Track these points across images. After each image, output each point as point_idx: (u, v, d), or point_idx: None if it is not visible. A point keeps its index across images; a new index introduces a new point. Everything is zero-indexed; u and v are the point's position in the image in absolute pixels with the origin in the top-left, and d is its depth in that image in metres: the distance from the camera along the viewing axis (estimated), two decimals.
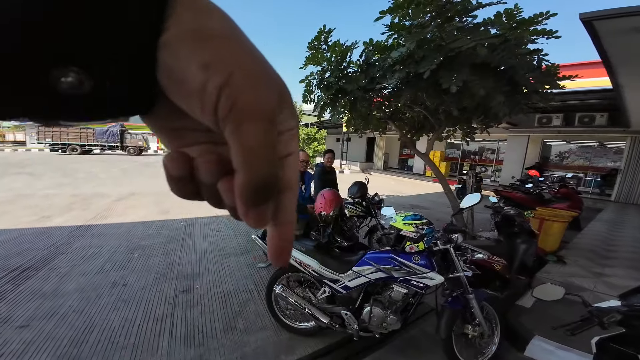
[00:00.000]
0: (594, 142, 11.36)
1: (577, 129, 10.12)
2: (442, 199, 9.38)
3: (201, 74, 0.14)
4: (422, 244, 1.82)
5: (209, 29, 0.14)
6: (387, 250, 1.94)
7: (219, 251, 3.81)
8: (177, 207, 6.00)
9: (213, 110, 0.14)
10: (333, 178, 3.86)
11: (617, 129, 9.03)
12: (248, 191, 0.15)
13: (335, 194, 2.36)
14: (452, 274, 1.82)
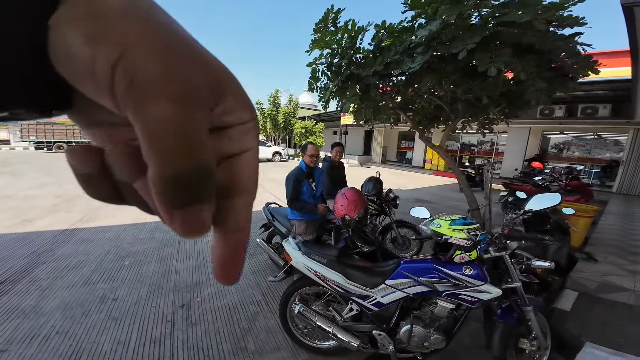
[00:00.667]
0: (591, 134, 11.33)
1: (580, 121, 10.02)
2: (445, 192, 9.26)
3: (88, 49, 0.11)
4: (476, 252, 1.54)
5: (105, 5, 0.12)
6: (427, 260, 1.65)
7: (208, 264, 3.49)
8: None
9: (109, 92, 0.12)
10: (342, 174, 3.55)
11: (621, 121, 8.94)
12: (160, 187, 0.12)
13: (359, 193, 2.06)
14: (507, 284, 1.56)
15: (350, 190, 2.06)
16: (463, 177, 4.05)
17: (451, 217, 1.66)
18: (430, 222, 1.70)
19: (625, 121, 8.75)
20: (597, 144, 11.41)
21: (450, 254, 1.57)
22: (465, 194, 3.97)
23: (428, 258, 1.67)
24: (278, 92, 19.52)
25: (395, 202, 3.25)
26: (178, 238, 4.02)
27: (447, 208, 6.47)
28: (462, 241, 1.52)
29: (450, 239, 1.55)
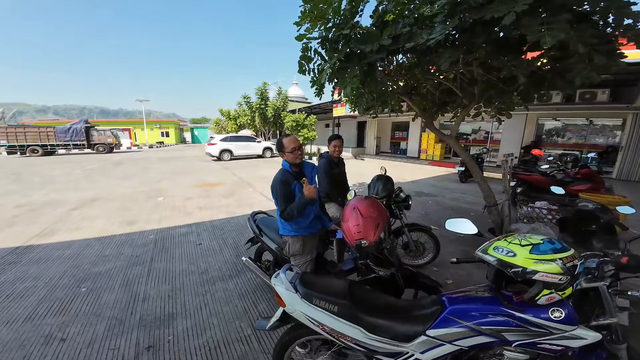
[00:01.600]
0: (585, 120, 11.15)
1: (577, 106, 9.75)
2: (444, 183, 8.88)
3: None
4: (571, 289, 1.06)
5: None
6: (489, 299, 1.17)
7: (200, 275, 2.93)
8: (147, 214, 4.98)
9: None
10: (342, 171, 3.02)
11: (620, 105, 8.69)
12: None
13: (376, 205, 1.54)
14: (598, 321, 1.09)
15: (364, 202, 1.53)
16: (478, 169, 3.59)
17: (529, 240, 1.15)
18: (491, 247, 1.20)
19: (625, 106, 8.51)
20: (594, 130, 11.24)
21: (532, 293, 1.08)
22: (482, 187, 3.52)
23: (489, 296, 1.19)
24: (266, 85, 18.63)
25: (407, 202, 2.76)
26: (151, 254, 3.44)
27: (451, 201, 6.06)
28: (556, 277, 1.03)
29: (537, 275, 1.05)
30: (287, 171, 1.91)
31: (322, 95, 3.51)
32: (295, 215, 1.79)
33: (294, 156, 1.88)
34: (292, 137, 1.91)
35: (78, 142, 19.16)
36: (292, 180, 1.87)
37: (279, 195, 1.84)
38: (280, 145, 1.91)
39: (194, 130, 42.84)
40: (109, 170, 10.67)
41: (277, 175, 1.91)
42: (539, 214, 4.03)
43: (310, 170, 2.06)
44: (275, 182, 1.86)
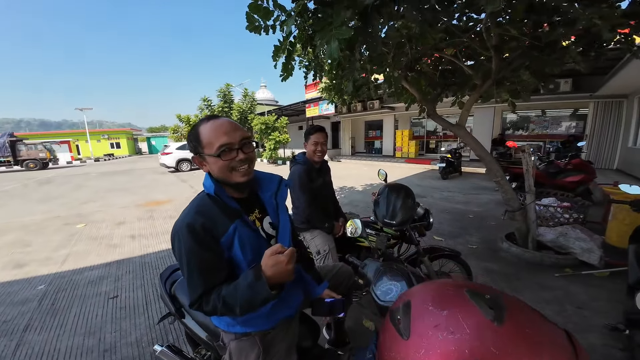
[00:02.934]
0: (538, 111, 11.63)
1: (542, 97, 9.94)
2: (427, 181, 8.32)
3: None
4: None
5: None
6: None
7: (100, 356, 1.72)
8: (50, 250, 3.50)
9: None
10: (328, 182, 2.03)
11: (583, 95, 8.96)
12: None
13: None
14: None
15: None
16: (498, 167, 2.83)
17: None
18: None
19: (588, 95, 8.78)
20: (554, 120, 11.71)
21: None
22: (504, 190, 2.76)
23: None
24: (229, 87, 17.11)
25: (428, 220, 1.86)
26: (30, 316, 2.15)
27: (443, 202, 5.41)
28: None
29: None
30: (213, 201, 0.85)
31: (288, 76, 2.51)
32: (237, 312, 0.76)
33: (231, 164, 0.83)
34: (223, 121, 0.85)
35: (2, 158, 16.34)
36: (222, 225, 0.82)
37: (182, 263, 0.80)
38: (195, 139, 0.85)
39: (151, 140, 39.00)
40: (29, 192, 8.50)
41: (185, 211, 0.86)
42: (554, 213, 3.42)
43: (273, 193, 0.98)
44: (177, 232, 0.82)
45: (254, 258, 0.84)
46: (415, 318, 0.52)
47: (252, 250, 0.84)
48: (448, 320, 0.48)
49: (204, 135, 0.82)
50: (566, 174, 5.09)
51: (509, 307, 0.50)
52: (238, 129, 0.86)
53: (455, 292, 0.55)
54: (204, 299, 0.78)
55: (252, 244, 0.85)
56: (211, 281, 0.79)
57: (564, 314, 2.04)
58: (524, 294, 2.29)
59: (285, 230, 0.96)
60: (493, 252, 3.06)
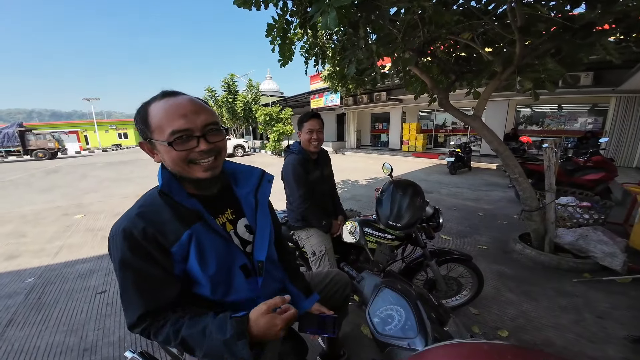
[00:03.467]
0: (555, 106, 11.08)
1: (559, 91, 9.43)
2: (434, 176, 8.05)
3: None
4: None
5: None
6: None
7: (80, 355, 1.62)
8: (44, 242, 3.44)
9: None
10: (327, 175, 1.83)
11: (605, 89, 8.44)
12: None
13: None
14: None
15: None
16: (516, 163, 2.59)
17: None
18: None
19: (611, 89, 8.27)
20: (571, 116, 11.17)
21: None
22: (522, 188, 2.53)
23: None
24: (233, 77, 16.83)
25: (437, 221, 1.67)
26: (12, 314, 2.05)
27: (450, 198, 5.18)
28: None
29: None
30: (165, 200, 0.68)
31: (288, 61, 2.32)
32: (198, 356, 0.62)
33: (189, 155, 0.66)
34: (182, 99, 0.66)
35: (11, 148, 16.60)
36: (173, 232, 0.65)
37: (119, 276, 0.65)
38: (143, 121, 0.66)
39: None
40: (35, 181, 8.57)
41: (126, 212, 0.69)
42: (572, 213, 3.17)
43: (252, 188, 0.81)
44: (115, 236, 0.66)
45: (218, 273, 0.68)
46: None
47: (217, 262, 0.68)
48: None
49: (154, 116, 0.64)
50: (585, 171, 4.77)
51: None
52: (202, 110, 0.67)
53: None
54: (150, 324, 0.63)
55: (218, 254, 0.68)
56: (153, 301, 0.64)
57: (582, 324, 1.86)
58: (540, 301, 2.10)
59: (264, 235, 0.79)
60: (505, 253, 2.85)
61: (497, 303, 2.08)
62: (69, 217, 4.46)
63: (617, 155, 8.69)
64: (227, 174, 0.79)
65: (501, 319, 1.92)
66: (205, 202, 0.71)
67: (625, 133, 8.53)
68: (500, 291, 2.24)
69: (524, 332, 1.80)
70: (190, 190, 0.71)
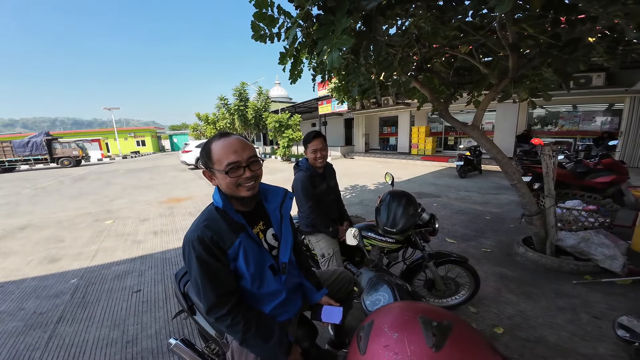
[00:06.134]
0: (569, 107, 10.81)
1: (573, 91, 9.26)
2: (443, 180, 8.10)
3: None
4: None
5: None
6: None
7: (123, 349, 1.89)
8: (81, 246, 3.82)
9: None
10: (333, 187, 2.04)
11: (618, 89, 8.27)
12: None
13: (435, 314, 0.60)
14: None
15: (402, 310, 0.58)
16: (514, 169, 2.73)
17: None
18: None
19: (624, 89, 8.09)
20: (586, 116, 10.90)
21: None
22: (521, 193, 2.66)
23: None
24: (244, 85, 17.41)
25: (433, 226, 1.85)
26: (64, 308, 2.40)
27: (458, 202, 5.26)
28: None
29: None
30: (221, 215, 0.91)
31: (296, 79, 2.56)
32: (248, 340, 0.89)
33: (238, 181, 0.89)
34: (233, 139, 0.90)
35: (39, 156, 17.64)
36: (229, 239, 0.88)
37: (192, 274, 0.88)
38: (206, 154, 0.91)
39: (173, 138, 40.78)
40: (64, 188, 9.24)
41: (194, 224, 0.92)
42: (577, 216, 3.24)
43: (278, 205, 1.03)
44: (187, 243, 0.88)
45: (255, 270, 0.91)
46: (373, 337, 0.58)
47: (255, 263, 0.91)
48: (396, 343, 0.54)
49: (215, 152, 0.89)
50: (596, 174, 4.76)
51: (454, 334, 0.54)
52: (246, 147, 0.91)
53: (410, 317, 0.60)
54: (227, 311, 0.87)
55: (255, 256, 0.91)
56: (222, 288, 0.87)
57: (577, 323, 1.95)
58: (538, 301, 2.22)
59: (287, 242, 1.02)
60: (508, 256, 2.96)
61: (497, 303, 2.21)
62: (100, 222, 4.88)
63: (632, 156, 8.45)
64: (260, 192, 1.02)
65: (499, 317, 2.05)
66: (246, 216, 0.94)
67: None
68: (501, 292, 2.36)
69: (519, 330, 1.92)
70: (236, 207, 0.94)
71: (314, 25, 1.90)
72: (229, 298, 0.87)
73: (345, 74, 2.50)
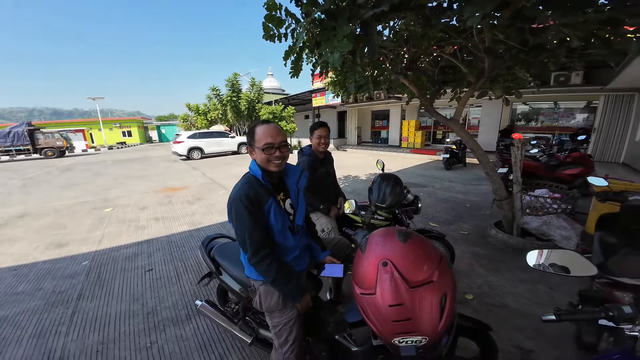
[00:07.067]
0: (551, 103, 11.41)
1: (553, 89, 9.81)
2: (429, 172, 8.53)
3: None
4: None
5: None
6: None
7: (145, 318, 2.14)
8: (86, 231, 3.98)
9: None
10: (330, 171, 2.34)
11: (594, 87, 8.81)
12: None
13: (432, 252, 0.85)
14: None
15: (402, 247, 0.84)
16: (488, 159, 3.08)
17: None
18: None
19: (599, 88, 8.63)
20: (566, 113, 11.52)
21: None
22: (492, 180, 3.02)
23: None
24: (237, 76, 17.21)
25: (417, 205, 2.16)
26: (81, 287, 2.60)
27: (442, 192, 5.66)
28: None
29: None
30: (257, 180, 1.17)
31: (298, 74, 2.77)
32: (277, 280, 1.16)
33: (269, 157, 1.16)
34: (272, 126, 1.18)
35: (21, 147, 17.00)
36: (264, 198, 1.14)
37: (240, 224, 1.12)
38: (251, 135, 1.19)
39: (161, 128, 39.73)
40: (52, 178, 9.12)
41: (237, 186, 1.17)
42: (543, 203, 3.66)
43: (295, 181, 1.30)
44: (234, 200, 1.13)
45: (281, 228, 1.18)
46: (369, 243, 0.94)
47: (280, 221, 1.18)
48: (382, 242, 0.92)
49: (257, 134, 1.17)
50: (565, 166, 5.24)
51: (413, 236, 0.92)
52: (280, 134, 1.19)
53: (390, 231, 0.97)
54: (261, 256, 1.13)
55: (280, 216, 1.18)
56: (265, 236, 1.14)
57: (534, 293, 2.30)
58: (504, 275, 2.58)
59: (301, 211, 1.31)
60: (482, 238, 3.35)
61: (469, 275, 2.58)
62: (99, 210, 4.99)
63: (604, 151, 9.11)
64: (283, 170, 1.28)
65: (470, 286, 2.41)
66: (273, 186, 1.21)
67: (613, 130, 8.92)
68: (473, 267, 2.73)
69: (486, 297, 2.28)
70: (267, 178, 1.20)
71: (317, 28, 2.12)
72: (269, 244, 1.15)
73: (343, 71, 2.73)
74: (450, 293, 0.83)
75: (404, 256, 0.85)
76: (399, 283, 0.80)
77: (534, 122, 12.47)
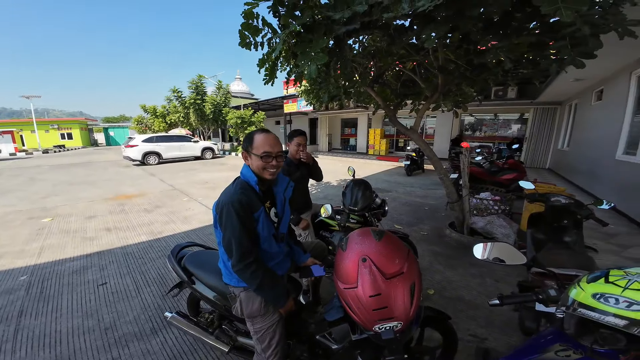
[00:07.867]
0: (491, 115, 13.06)
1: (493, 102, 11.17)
2: (393, 177, 9.11)
3: None
4: None
5: None
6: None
7: (103, 334, 1.94)
8: (21, 244, 3.45)
9: None
10: (304, 176, 2.41)
11: (525, 101, 10.28)
12: None
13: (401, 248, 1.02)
14: None
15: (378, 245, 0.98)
16: (441, 165, 3.44)
17: (618, 273, 0.72)
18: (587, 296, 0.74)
19: (529, 101, 10.10)
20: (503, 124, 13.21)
21: None
22: (445, 184, 3.38)
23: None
24: (201, 78, 16.42)
25: (384, 208, 2.33)
26: (19, 306, 2.23)
27: (405, 196, 6.09)
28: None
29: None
30: (250, 187, 1.18)
31: (273, 81, 2.82)
32: (262, 286, 1.17)
33: (266, 165, 1.17)
34: (271, 136, 1.21)
35: None
36: (256, 205, 1.15)
37: (230, 229, 1.11)
38: (249, 141, 1.20)
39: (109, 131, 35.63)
40: None
41: (230, 190, 1.17)
42: (487, 205, 4.19)
43: (283, 190, 1.34)
44: (226, 204, 1.11)
45: (267, 235, 1.20)
46: (349, 242, 1.05)
47: (267, 229, 1.20)
48: (360, 240, 1.04)
49: (256, 141, 1.18)
50: (503, 172, 6.03)
51: (387, 235, 1.04)
52: (278, 144, 1.22)
53: (366, 231, 1.09)
54: (246, 263, 1.12)
55: (267, 224, 1.20)
56: (252, 242, 1.14)
57: (484, 285, 2.59)
58: (458, 270, 2.87)
59: (286, 219, 1.35)
60: (439, 237, 3.69)
61: (429, 272, 2.82)
62: (36, 220, 4.34)
63: (534, 158, 10.64)
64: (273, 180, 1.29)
65: (431, 282, 2.65)
66: (263, 194, 1.22)
67: (541, 139, 10.46)
68: (433, 264, 3.00)
69: (445, 291, 2.51)
70: (259, 186, 1.20)
71: (294, 39, 2.20)
72: (254, 251, 1.15)
73: (317, 81, 2.85)
74: (418, 281, 0.96)
75: (380, 252, 0.96)
76: (376, 276, 0.90)
77: (478, 132, 14.06)
